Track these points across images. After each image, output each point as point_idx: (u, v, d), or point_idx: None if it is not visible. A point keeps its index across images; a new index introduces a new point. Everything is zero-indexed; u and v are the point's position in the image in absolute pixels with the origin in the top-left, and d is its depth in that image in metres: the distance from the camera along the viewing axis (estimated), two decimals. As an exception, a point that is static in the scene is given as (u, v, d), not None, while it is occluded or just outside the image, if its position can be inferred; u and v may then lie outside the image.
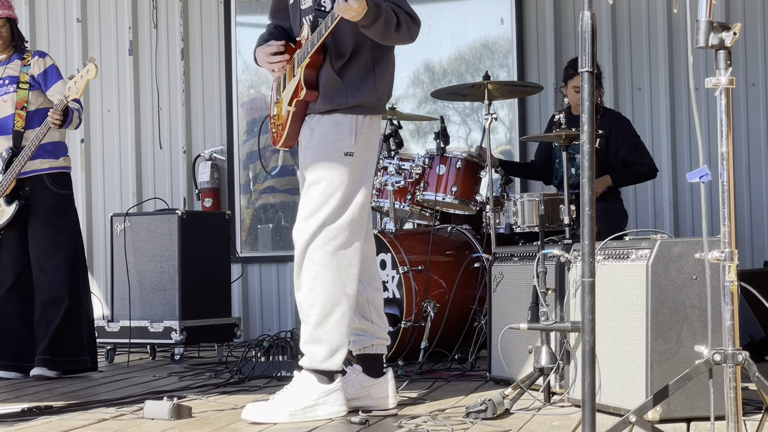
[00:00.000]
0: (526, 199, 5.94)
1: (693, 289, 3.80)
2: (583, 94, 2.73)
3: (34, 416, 4.27)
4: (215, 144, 8.29)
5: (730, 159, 2.87)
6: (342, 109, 4.16)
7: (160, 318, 6.69)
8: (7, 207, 5.94)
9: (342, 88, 4.16)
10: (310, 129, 4.23)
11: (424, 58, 7.97)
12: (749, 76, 7.44)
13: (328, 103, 4.18)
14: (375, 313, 4.33)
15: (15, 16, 6.12)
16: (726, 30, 2.84)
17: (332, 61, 4.16)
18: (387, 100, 4.31)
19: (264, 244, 8.24)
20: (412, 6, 4.16)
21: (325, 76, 4.17)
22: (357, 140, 4.16)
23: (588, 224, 2.69)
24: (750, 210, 7.43)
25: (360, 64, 4.18)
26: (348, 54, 4.17)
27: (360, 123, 4.17)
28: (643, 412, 3.02)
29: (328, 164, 4.13)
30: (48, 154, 5.97)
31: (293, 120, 4.26)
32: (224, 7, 8.30)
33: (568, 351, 4.28)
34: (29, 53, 6.09)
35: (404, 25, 4.07)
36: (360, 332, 4.31)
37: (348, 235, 4.12)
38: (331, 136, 4.15)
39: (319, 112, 4.21)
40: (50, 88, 6.01)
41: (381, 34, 4.05)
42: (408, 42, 4.17)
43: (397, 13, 4.05)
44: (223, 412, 4.32)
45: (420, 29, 4.18)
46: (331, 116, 4.18)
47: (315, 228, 4.10)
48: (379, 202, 6.33)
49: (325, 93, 4.17)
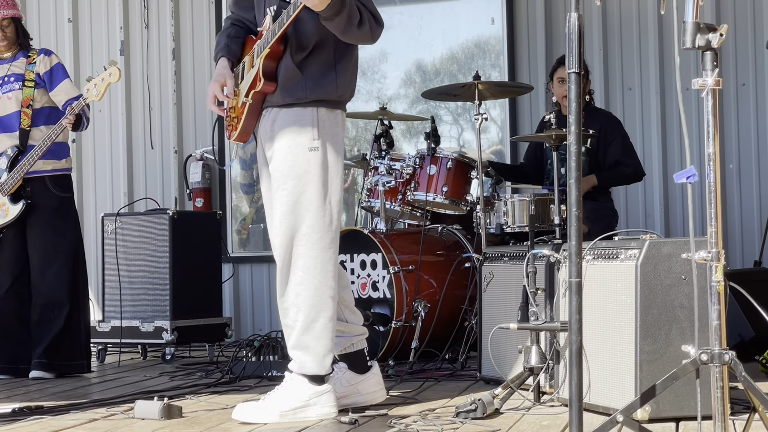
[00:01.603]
0: (516, 199, 5.95)
1: (682, 289, 3.81)
2: (570, 95, 2.74)
3: (25, 416, 4.27)
4: (206, 144, 8.29)
5: (717, 159, 2.88)
6: (301, 103, 4.07)
7: (151, 318, 6.70)
8: (12, 206, 5.92)
9: (302, 81, 4.06)
10: (270, 122, 4.13)
11: (415, 59, 7.98)
12: (739, 77, 7.45)
13: (287, 96, 4.08)
14: (348, 311, 4.29)
15: (20, 15, 6.10)
16: (713, 31, 2.85)
17: (293, 54, 4.07)
18: (348, 98, 4.20)
19: (255, 243, 8.24)
20: (402, 6, 4.14)
21: (285, 67, 4.08)
22: (320, 133, 4.07)
23: (575, 224, 2.70)
24: (740, 210, 7.44)
25: (321, 59, 4.09)
26: (310, 47, 4.07)
27: (322, 115, 4.08)
28: (631, 411, 3.03)
29: (293, 161, 4.05)
30: (51, 154, 5.94)
31: (249, 113, 4.15)
32: (215, 7, 8.31)
33: (557, 351, 4.29)
34: (34, 51, 6.07)
35: (366, 24, 3.99)
36: (338, 334, 4.26)
37: (329, 235, 4.08)
38: (292, 131, 4.06)
39: (277, 105, 4.11)
40: (56, 87, 5.98)
41: (342, 29, 3.96)
42: (368, 42, 4.09)
43: (361, 11, 3.98)
44: (214, 412, 4.32)
45: (382, 32, 4.10)
46: (291, 110, 4.08)
47: (292, 231, 4.05)
48: (370, 202, 6.33)
49: (284, 85, 4.08)
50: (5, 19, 6.00)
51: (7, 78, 6.02)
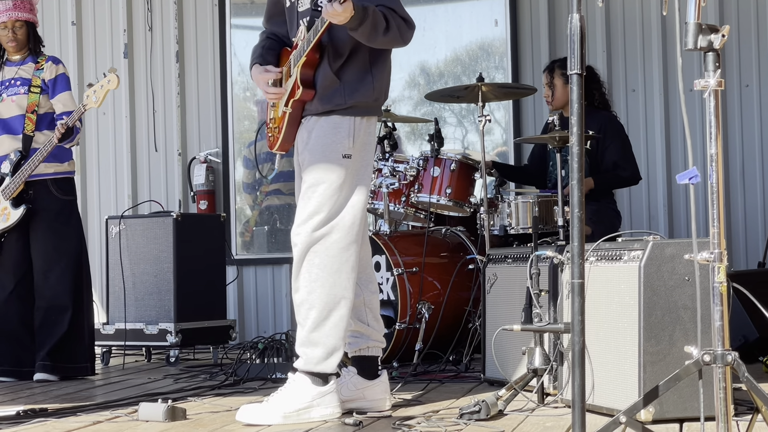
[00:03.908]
0: (520, 201, 5.94)
1: (685, 290, 3.81)
2: (573, 97, 2.74)
3: (30, 419, 4.27)
4: (210, 146, 8.29)
5: (719, 160, 2.88)
6: (340, 110, 4.14)
7: (156, 320, 6.70)
8: (14, 210, 5.92)
9: (340, 88, 4.15)
10: (307, 131, 4.21)
11: (419, 60, 7.98)
12: (743, 78, 7.45)
13: (326, 104, 4.16)
14: (371, 316, 4.34)
15: (35, 20, 6.09)
16: (715, 32, 2.86)
17: (330, 61, 4.15)
18: (384, 101, 4.30)
19: (259, 246, 8.25)
20: (405, 8, 4.16)
21: (323, 76, 4.16)
22: (355, 142, 4.15)
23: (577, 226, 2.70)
24: (744, 211, 7.44)
25: (358, 65, 4.17)
26: (346, 54, 4.15)
27: (358, 125, 4.16)
28: (634, 412, 3.03)
29: (326, 166, 4.12)
30: (54, 158, 5.93)
31: (289, 122, 4.23)
32: (219, 10, 8.31)
33: (561, 352, 4.30)
34: (44, 57, 6.08)
35: (394, 29, 4.05)
36: (356, 335, 4.32)
37: (348, 237, 4.12)
38: (329, 138, 4.14)
39: (316, 113, 4.18)
40: (55, 97, 5.99)
41: (368, 37, 4.04)
42: (399, 45, 4.17)
43: (388, 17, 4.04)
44: (218, 414, 4.33)
45: (414, 33, 4.17)
46: (329, 118, 4.16)
47: (314, 230, 4.09)
48: (374, 204, 6.34)
49: (322, 93, 4.15)
50: (18, 20, 6.01)
51: (14, 81, 6.02)
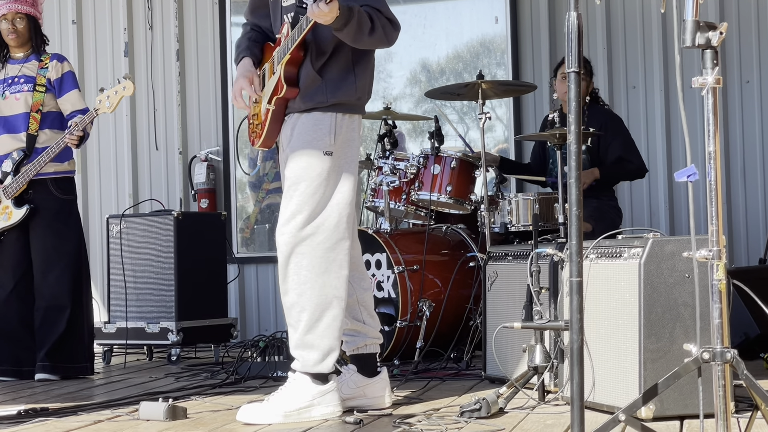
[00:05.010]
0: (520, 198, 5.94)
1: (685, 287, 3.81)
2: (570, 94, 2.74)
3: (31, 418, 4.27)
4: (211, 145, 8.30)
5: (718, 158, 2.88)
6: (321, 107, 4.13)
7: (157, 319, 6.70)
8: (16, 209, 5.92)
9: (322, 86, 4.13)
10: (290, 128, 4.19)
11: (420, 58, 7.98)
12: (744, 74, 7.45)
13: (308, 102, 4.14)
14: (366, 314, 4.32)
15: (37, 15, 6.07)
16: (713, 29, 2.85)
17: (313, 59, 4.13)
18: (366, 100, 4.27)
19: (260, 244, 8.25)
20: (406, 5, 4.15)
21: (305, 74, 4.14)
22: (336, 139, 4.13)
23: (576, 224, 2.70)
24: (745, 207, 7.44)
25: (340, 63, 4.15)
26: (329, 52, 4.13)
27: (339, 121, 4.14)
28: (633, 410, 3.03)
29: (307, 163, 4.09)
30: (54, 157, 5.95)
31: (273, 119, 4.21)
32: (219, 8, 8.31)
33: (562, 349, 4.29)
34: (47, 55, 6.07)
35: (379, 30, 4.04)
36: (353, 333, 4.31)
37: (335, 236, 4.09)
38: (309, 135, 4.12)
39: (298, 110, 4.17)
40: (63, 96, 5.99)
41: (353, 38, 4.02)
42: (384, 46, 4.15)
43: (373, 18, 4.03)
44: (219, 412, 4.32)
45: (399, 34, 4.15)
46: (310, 114, 4.14)
47: (299, 230, 4.07)
48: (375, 202, 6.34)
49: (304, 91, 4.14)
50: (18, 13, 6.01)
51: (17, 78, 6.01)
